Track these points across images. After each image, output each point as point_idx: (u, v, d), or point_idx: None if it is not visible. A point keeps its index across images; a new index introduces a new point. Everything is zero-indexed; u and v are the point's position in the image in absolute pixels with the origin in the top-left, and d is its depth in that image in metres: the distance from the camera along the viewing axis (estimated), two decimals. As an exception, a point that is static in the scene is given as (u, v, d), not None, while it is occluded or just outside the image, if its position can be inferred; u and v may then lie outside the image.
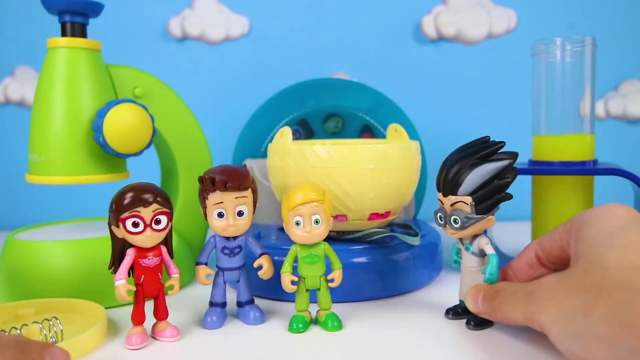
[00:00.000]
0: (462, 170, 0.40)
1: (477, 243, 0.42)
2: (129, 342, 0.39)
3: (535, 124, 0.57)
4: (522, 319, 0.36)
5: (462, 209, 0.40)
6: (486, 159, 0.40)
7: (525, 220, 0.60)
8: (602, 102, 0.87)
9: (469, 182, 0.40)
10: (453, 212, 0.40)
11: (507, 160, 0.40)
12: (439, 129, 0.85)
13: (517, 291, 0.37)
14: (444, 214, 0.41)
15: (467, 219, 0.40)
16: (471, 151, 0.41)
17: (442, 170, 0.41)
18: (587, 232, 0.35)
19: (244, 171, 0.42)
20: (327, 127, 0.71)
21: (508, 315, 0.37)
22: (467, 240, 0.42)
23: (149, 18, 0.87)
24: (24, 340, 0.31)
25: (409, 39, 0.88)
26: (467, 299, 0.41)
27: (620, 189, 0.62)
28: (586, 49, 0.54)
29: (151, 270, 0.40)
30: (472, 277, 0.42)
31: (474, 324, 0.41)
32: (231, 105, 0.88)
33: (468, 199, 0.40)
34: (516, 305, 0.37)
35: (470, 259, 0.42)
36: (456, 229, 0.41)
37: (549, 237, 0.40)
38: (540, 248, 0.41)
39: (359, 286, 0.48)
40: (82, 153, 0.50)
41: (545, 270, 0.41)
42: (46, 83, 0.50)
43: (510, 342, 0.39)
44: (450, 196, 0.40)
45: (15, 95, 0.88)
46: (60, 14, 0.51)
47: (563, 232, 0.38)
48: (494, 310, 0.39)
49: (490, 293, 0.39)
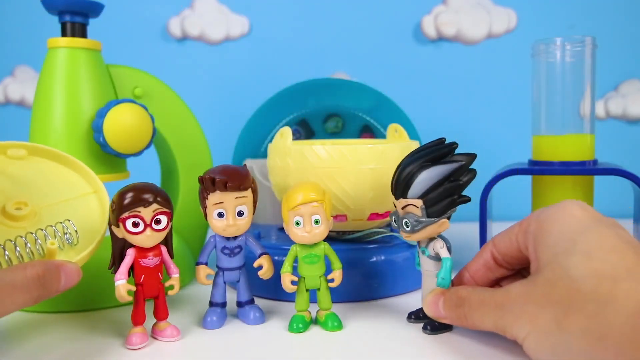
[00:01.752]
0: (412, 172, 0.39)
1: (433, 246, 0.40)
2: (129, 342, 0.39)
3: (535, 124, 0.57)
4: (493, 329, 0.35)
5: (413, 212, 0.39)
6: (437, 161, 0.39)
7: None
8: (602, 102, 0.87)
9: (418, 185, 0.38)
10: (404, 216, 0.39)
11: (459, 162, 0.39)
12: (439, 129, 0.85)
13: (485, 301, 0.36)
14: (397, 216, 0.40)
15: (417, 223, 0.39)
16: (424, 153, 0.39)
17: (394, 173, 0.40)
18: (546, 238, 0.35)
19: (244, 171, 0.42)
20: (327, 127, 0.71)
21: (478, 324, 0.37)
22: (423, 243, 0.41)
23: (149, 18, 0.87)
24: (42, 273, 0.34)
25: (409, 39, 0.88)
26: (426, 304, 0.40)
27: (620, 189, 0.62)
28: (586, 49, 0.54)
29: (151, 270, 0.40)
30: (430, 281, 0.41)
31: (431, 329, 0.40)
32: (231, 105, 0.88)
33: (418, 202, 0.39)
34: (486, 315, 0.36)
35: (427, 263, 0.41)
36: (408, 233, 0.40)
37: (503, 237, 0.40)
38: (495, 249, 0.40)
39: (359, 286, 0.48)
40: (82, 153, 0.50)
41: (504, 271, 0.40)
42: (46, 83, 0.50)
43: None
44: (401, 199, 0.39)
45: (15, 95, 0.88)
46: (60, 14, 0.51)
47: (519, 233, 0.38)
48: (459, 319, 0.38)
49: (453, 299, 0.38)
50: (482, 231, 0.54)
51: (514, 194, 0.73)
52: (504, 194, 0.72)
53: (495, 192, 0.56)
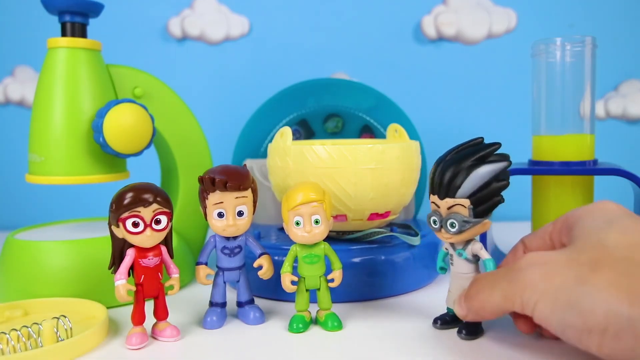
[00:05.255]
0: (460, 172, 0.38)
1: (471, 248, 0.40)
2: (129, 342, 0.39)
3: (535, 124, 0.57)
4: (501, 301, 0.34)
5: (460, 212, 0.38)
6: (484, 161, 0.39)
7: (525, 220, 0.60)
8: (602, 102, 0.87)
9: (467, 185, 0.38)
10: (450, 216, 0.38)
11: (503, 162, 0.39)
12: (439, 129, 0.85)
13: (497, 273, 0.36)
14: (439, 217, 0.39)
15: (465, 223, 0.38)
16: (467, 152, 0.39)
17: (436, 172, 0.39)
18: (582, 222, 0.35)
19: (244, 171, 0.42)
20: (327, 127, 0.71)
21: (485, 300, 0.35)
22: (459, 245, 0.40)
23: (149, 18, 0.87)
24: None
25: (409, 39, 0.88)
26: (457, 306, 0.39)
27: (620, 189, 0.61)
28: (586, 49, 0.54)
29: (151, 270, 0.40)
30: (464, 285, 0.40)
31: (466, 333, 0.40)
32: (231, 105, 0.88)
33: (466, 202, 0.38)
34: (494, 286, 0.35)
35: (462, 265, 0.40)
36: (453, 234, 0.39)
37: (535, 237, 0.39)
38: (527, 251, 0.39)
39: (359, 286, 0.48)
40: (82, 153, 0.50)
41: None
42: (46, 83, 0.50)
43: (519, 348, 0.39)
44: (448, 199, 0.39)
45: (15, 95, 0.88)
46: (60, 14, 0.51)
47: (554, 232, 0.38)
48: (471, 300, 0.37)
49: (469, 287, 0.38)
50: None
51: (514, 194, 0.73)
52: (504, 194, 0.72)
53: (495, 192, 0.56)
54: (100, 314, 0.43)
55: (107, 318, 0.42)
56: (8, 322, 0.44)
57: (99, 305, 0.44)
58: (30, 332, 0.39)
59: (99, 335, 0.40)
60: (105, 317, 0.42)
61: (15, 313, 0.45)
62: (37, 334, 0.39)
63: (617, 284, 0.29)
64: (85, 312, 0.45)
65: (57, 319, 0.40)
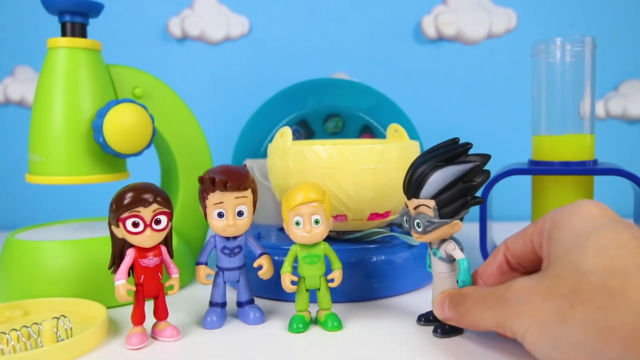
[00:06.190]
0: (425, 172, 0.38)
1: (444, 248, 0.40)
2: (129, 342, 0.39)
3: (535, 124, 0.57)
4: (492, 325, 0.35)
5: (425, 213, 0.38)
6: (451, 161, 0.38)
7: (525, 220, 0.60)
8: (602, 102, 0.87)
9: (431, 185, 0.38)
10: (416, 216, 0.39)
11: (473, 162, 0.38)
12: (439, 129, 0.85)
13: (486, 296, 0.36)
14: (408, 217, 0.40)
15: (429, 223, 0.38)
16: (438, 153, 0.39)
17: (407, 172, 0.39)
18: (560, 234, 0.34)
19: (244, 171, 0.42)
20: (327, 127, 0.71)
21: (477, 321, 0.36)
22: (435, 244, 0.40)
23: (149, 18, 0.87)
24: None
25: (409, 39, 0.88)
26: (434, 306, 0.40)
27: (620, 189, 0.62)
28: (586, 49, 0.54)
29: (151, 270, 0.40)
30: (442, 283, 0.40)
31: (441, 332, 0.40)
32: (231, 105, 0.88)
33: (431, 203, 0.38)
34: (486, 310, 0.35)
35: (438, 265, 0.40)
36: (419, 233, 0.39)
37: (517, 239, 0.39)
38: (509, 252, 0.39)
39: (358, 286, 0.48)
40: (82, 153, 0.50)
41: (517, 275, 0.39)
42: (46, 83, 0.50)
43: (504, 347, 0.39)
44: (414, 199, 0.39)
45: (15, 95, 0.88)
46: (60, 14, 0.51)
47: (534, 233, 0.37)
48: (461, 317, 0.37)
49: (456, 298, 0.38)
50: (482, 231, 0.54)
51: (514, 194, 0.73)
52: (504, 194, 0.72)
53: (495, 192, 0.57)
54: (100, 314, 0.43)
55: (107, 318, 0.42)
56: (8, 322, 0.44)
57: (99, 305, 0.44)
58: (30, 332, 0.39)
59: (99, 335, 0.40)
60: (105, 317, 0.42)
61: (15, 313, 0.45)
62: (37, 334, 0.39)
63: (595, 321, 0.29)
64: (85, 312, 0.45)
65: (57, 319, 0.40)
